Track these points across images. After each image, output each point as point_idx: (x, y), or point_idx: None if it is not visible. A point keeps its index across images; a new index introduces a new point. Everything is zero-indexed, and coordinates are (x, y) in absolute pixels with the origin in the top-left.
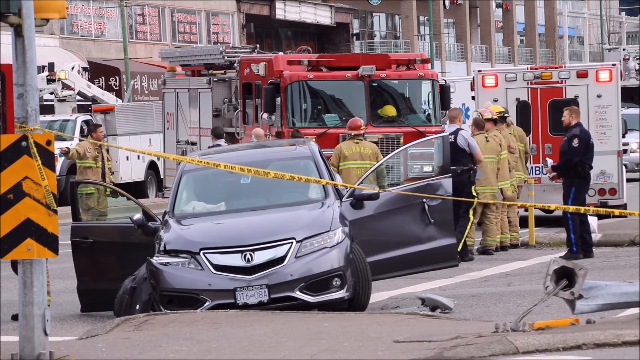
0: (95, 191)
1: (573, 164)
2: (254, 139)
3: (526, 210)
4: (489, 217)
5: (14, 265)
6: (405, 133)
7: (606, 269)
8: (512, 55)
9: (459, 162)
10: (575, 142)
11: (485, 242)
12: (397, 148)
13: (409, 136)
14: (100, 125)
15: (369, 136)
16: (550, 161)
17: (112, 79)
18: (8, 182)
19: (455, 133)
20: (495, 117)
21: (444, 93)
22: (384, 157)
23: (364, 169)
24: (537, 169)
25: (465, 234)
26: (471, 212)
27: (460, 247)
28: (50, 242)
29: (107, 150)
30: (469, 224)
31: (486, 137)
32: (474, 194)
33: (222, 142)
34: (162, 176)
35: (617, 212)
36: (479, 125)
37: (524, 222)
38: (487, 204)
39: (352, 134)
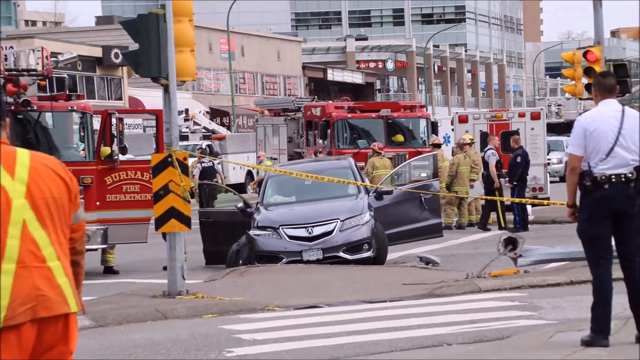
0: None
1: (519, 173)
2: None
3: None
4: (463, 205)
5: (164, 235)
6: (410, 152)
7: (537, 238)
8: (477, 103)
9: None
10: (519, 159)
11: (460, 221)
12: (404, 162)
13: (412, 154)
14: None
15: (386, 154)
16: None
17: (225, 118)
18: (160, 183)
19: (485, 151)
20: (469, 142)
21: (433, 127)
22: (395, 167)
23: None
24: None
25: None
26: (499, 204)
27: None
28: (186, 221)
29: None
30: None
31: (464, 156)
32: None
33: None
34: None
35: (546, 202)
36: (461, 147)
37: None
38: (463, 197)
39: (380, 152)
